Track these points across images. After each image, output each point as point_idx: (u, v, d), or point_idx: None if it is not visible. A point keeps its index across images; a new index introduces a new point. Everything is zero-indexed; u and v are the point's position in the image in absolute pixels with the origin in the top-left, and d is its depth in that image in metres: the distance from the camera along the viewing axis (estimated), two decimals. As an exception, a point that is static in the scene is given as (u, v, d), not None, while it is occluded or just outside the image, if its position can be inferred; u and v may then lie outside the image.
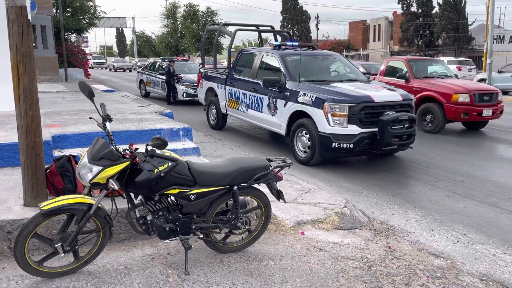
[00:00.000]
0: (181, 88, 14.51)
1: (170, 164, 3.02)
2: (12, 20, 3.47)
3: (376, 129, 6.36)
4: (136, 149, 3.04)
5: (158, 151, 2.94)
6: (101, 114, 3.17)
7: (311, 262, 3.54)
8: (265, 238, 3.90)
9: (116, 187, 2.91)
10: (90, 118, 3.27)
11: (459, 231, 4.42)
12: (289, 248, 3.77)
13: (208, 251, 3.61)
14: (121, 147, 3.12)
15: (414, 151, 7.56)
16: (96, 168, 2.86)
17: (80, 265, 3.17)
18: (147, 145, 2.95)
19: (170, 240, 3.24)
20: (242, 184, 3.37)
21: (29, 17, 3.54)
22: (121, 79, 30.04)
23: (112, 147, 2.99)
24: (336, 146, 6.35)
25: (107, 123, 3.14)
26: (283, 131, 7.39)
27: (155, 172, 2.97)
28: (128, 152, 3.02)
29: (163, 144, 2.86)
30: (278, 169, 3.52)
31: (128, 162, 2.95)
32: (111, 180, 2.90)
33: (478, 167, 6.88)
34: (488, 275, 3.49)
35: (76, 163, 3.98)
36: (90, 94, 3.12)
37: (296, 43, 8.66)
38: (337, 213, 4.54)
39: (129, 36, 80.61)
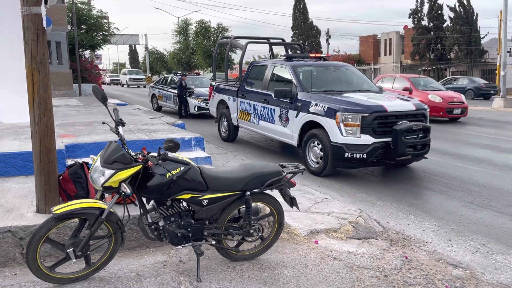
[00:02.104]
0: (192, 102, 14.59)
1: (182, 168, 3.00)
2: (28, 27, 3.52)
3: (390, 139, 6.28)
4: (149, 152, 3.03)
5: (170, 155, 2.92)
6: (114, 119, 3.17)
7: (325, 271, 3.45)
8: (278, 247, 3.83)
9: (129, 191, 2.89)
10: (103, 123, 3.29)
11: (478, 241, 4.30)
12: (303, 256, 3.69)
13: (220, 258, 3.55)
14: (133, 153, 3.11)
15: (428, 161, 7.44)
16: (108, 172, 2.84)
17: (92, 271, 3.14)
18: (160, 148, 2.93)
19: (182, 247, 3.20)
20: (255, 190, 3.33)
21: (44, 25, 3.59)
22: (133, 94, 30.37)
23: (124, 150, 2.98)
24: (349, 156, 6.27)
25: (120, 128, 3.14)
26: (295, 142, 7.34)
27: (167, 176, 2.94)
28: (140, 156, 3.01)
29: (175, 147, 2.84)
30: (291, 174, 3.47)
31: (141, 166, 2.94)
32: (123, 184, 2.88)
33: (494, 177, 6.73)
34: (509, 286, 3.37)
35: (89, 169, 3.98)
36: (103, 98, 3.13)
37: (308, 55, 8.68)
38: (351, 223, 4.46)
39: (141, 53, 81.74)
